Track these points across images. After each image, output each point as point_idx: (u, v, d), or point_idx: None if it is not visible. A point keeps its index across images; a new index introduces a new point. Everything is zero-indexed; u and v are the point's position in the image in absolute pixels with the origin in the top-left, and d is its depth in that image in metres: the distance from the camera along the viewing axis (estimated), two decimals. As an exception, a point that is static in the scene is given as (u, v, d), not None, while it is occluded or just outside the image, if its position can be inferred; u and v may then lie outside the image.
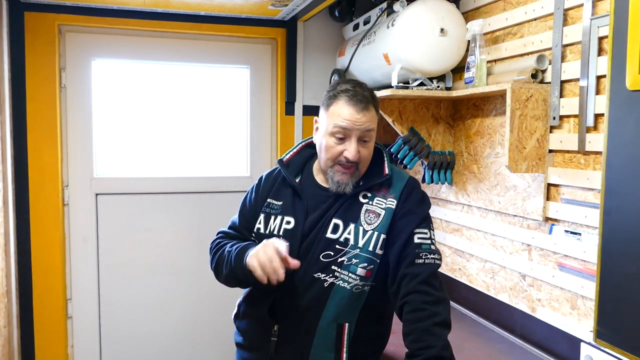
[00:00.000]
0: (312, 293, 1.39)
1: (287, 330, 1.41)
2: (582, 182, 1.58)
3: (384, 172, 1.45)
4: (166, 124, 2.72)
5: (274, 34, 2.73)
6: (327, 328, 1.38)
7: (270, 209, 1.50)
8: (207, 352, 2.81)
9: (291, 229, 1.44)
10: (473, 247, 2.14)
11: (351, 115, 1.35)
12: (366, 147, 1.40)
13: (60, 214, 2.54)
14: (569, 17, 1.62)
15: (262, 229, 1.49)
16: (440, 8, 2.00)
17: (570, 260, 1.64)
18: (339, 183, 1.40)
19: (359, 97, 1.36)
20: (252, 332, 1.50)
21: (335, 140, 1.38)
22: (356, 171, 1.41)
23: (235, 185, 2.79)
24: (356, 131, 1.36)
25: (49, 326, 2.55)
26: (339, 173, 1.40)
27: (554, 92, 1.67)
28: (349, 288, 1.37)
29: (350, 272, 1.37)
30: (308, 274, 1.39)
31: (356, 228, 1.39)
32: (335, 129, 1.37)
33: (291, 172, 1.51)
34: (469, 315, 2.13)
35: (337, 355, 1.39)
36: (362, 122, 1.36)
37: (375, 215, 1.40)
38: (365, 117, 1.36)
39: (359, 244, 1.38)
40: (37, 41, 2.41)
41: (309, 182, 1.51)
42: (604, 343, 1.35)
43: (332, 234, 1.40)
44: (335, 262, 1.38)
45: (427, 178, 2.20)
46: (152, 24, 2.55)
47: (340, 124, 1.36)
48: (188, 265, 2.76)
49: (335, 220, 1.41)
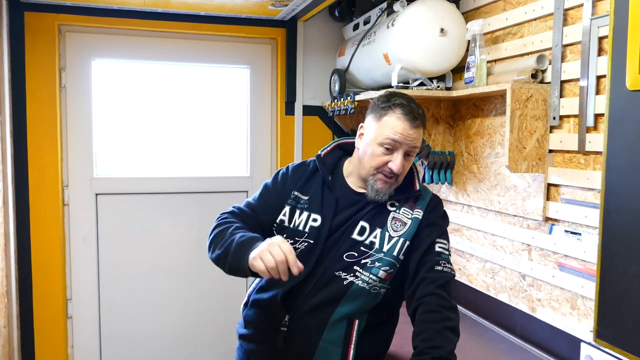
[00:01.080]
0: (330, 289, 1.41)
1: (298, 321, 1.42)
2: (582, 182, 1.58)
3: (415, 188, 1.50)
4: (166, 124, 2.72)
5: (274, 34, 2.73)
6: (337, 322, 1.40)
7: (297, 203, 1.50)
8: (207, 352, 2.81)
9: (317, 226, 1.45)
10: (473, 247, 2.14)
11: (404, 130, 1.39)
12: (409, 161, 1.45)
13: (60, 214, 2.54)
14: (569, 17, 1.62)
15: (286, 222, 1.49)
16: (440, 8, 2.00)
17: (570, 260, 1.64)
18: (377, 191, 1.43)
19: (414, 114, 1.40)
20: (261, 322, 1.50)
21: (383, 150, 1.41)
22: (395, 182, 1.44)
23: (235, 185, 2.79)
24: (405, 146, 1.40)
25: (49, 326, 2.55)
26: (380, 182, 1.43)
27: (554, 92, 1.67)
28: (367, 288, 1.41)
29: (372, 274, 1.41)
30: (329, 271, 1.41)
31: (382, 233, 1.43)
32: (387, 140, 1.40)
33: (327, 170, 1.53)
34: (469, 315, 2.13)
35: (345, 350, 1.41)
36: (413, 139, 1.41)
37: (402, 224, 1.45)
38: (416, 134, 1.41)
39: (384, 248, 1.42)
40: (37, 41, 2.41)
41: (340, 182, 1.52)
42: (604, 343, 1.35)
43: (359, 236, 1.43)
44: (359, 263, 1.41)
45: (427, 178, 2.20)
46: (152, 24, 2.55)
47: (393, 136, 1.39)
48: (188, 265, 2.76)
49: (363, 223, 1.45)
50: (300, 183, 1.52)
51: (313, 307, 1.41)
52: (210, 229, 1.51)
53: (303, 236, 1.45)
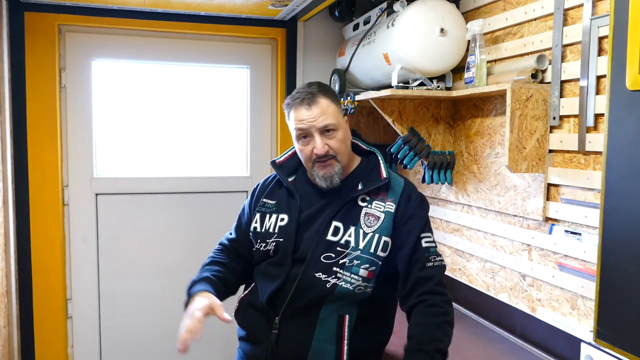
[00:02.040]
0: (313, 292, 1.42)
1: (288, 323, 1.44)
2: (582, 182, 1.58)
3: (382, 176, 1.49)
4: (166, 124, 2.72)
5: (274, 34, 2.72)
6: (327, 319, 1.41)
7: (266, 208, 1.57)
8: (207, 352, 2.80)
9: (285, 225, 1.50)
10: (473, 247, 2.14)
11: (302, 115, 1.44)
12: (333, 138, 1.46)
13: (60, 214, 2.54)
14: (569, 17, 1.62)
15: (258, 228, 1.56)
16: (440, 8, 2.00)
17: (570, 260, 1.64)
18: (324, 178, 1.47)
19: (302, 96, 1.46)
20: (253, 325, 1.52)
21: (303, 142, 1.48)
22: (336, 163, 1.46)
23: (235, 185, 2.79)
24: (314, 128, 1.44)
25: (49, 326, 2.55)
26: (319, 169, 1.47)
27: (554, 92, 1.67)
28: (351, 289, 1.41)
29: (352, 274, 1.41)
30: (308, 273, 1.42)
31: (356, 230, 1.44)
32: (297, 132, 1.47)
33: (284, 173, 1.58)
34: (469, 315, 2.13)
35: (339, 347, 1.41)
36: (316, 116, 1.44)
37: (375, 218, 1.45)
38: (315, 111, 1.44)
39: (359, 245, 1.42)
40: (37, 41, 2.41)
41: (303, 181, 1.57)
42: (604, 343, 1.35)
43: (333, 237, 1.44)
44: (337, 264, 1.42)
45: (427, 178, 2.20)
46: (152, 24, 2.55)
47: (298, 126, 1.46)
48: (188, 265, 2.73)
49: (336, 223, 1.45)
50: (267, 191, 1.61)
51: (300, 309, 1.43)
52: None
53: (273, 237, 1.50)
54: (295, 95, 1.49)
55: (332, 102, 1.47)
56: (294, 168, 1.60)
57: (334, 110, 1.47)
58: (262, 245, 1.52)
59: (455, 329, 1.39)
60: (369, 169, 1.52)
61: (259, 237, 1.54)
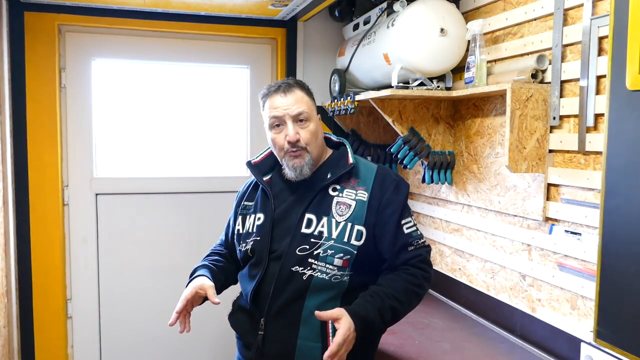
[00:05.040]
0: (292, 286, 1.44)
1: (272, 323, 1.46)
2: (582, 182, 1.58)
3: (349, 162, 1.52)
4: (166, 124, 2.72)
5: (274, 34, 2.72)
6: (310, 317, 1.41)
7: (246, 210, 1.61)
8: (207, 352, 2.81)
9: (261, 223, 1.54)
10: (473, 247, 2.14)
11: (278, 102, 1.48)
12: (305, 128, 1.48)
13: (60, 214, 2.54)
14: (569, 17, 1.62)
15: (240, 229, 1.60)
16: (440, 8, 2.00)
17: (570, 260, 1.64)
18: (295, 168, 1.48)
19: (280, 86, 1.50)
20: (244, 327, 1.56)
21: (275, 131, 1.50)
22: (307, 154, 1.48)
23: (235, 185, 2.75)
24: (288, 116, 1.47)
25: (49, 326, 2.55)
26: (290, 159, 1.49)
27: (554, 92, 1.67)
28: (327, 279, 1.43)
29: (327, 263, 1.43)
30: (286, 268, 1.45)
31: (329, 220, 1.46)
32: (271, 120, 1.50)
33: (259, 172, 1.61)
34: (469, 315, 2.13)
35: (324, 344, 1.41)
36: (290, 104, 1.47)
37: (346, 207, 1.47)
38: (291, 99, 1.47)
39: (332, 235, 1.44)
40: (37, 41, 2.41)
41: (277, 179, 1.60)
42: (604, 343, 1.35)
43: (307, 229, 1.46)
44: (312, 255, 1.44)
45: (427, 178, 2.20)
46: (152, 24, 2.55)
47: (273, 114, 1.49)
48: (188, 265, 2.70)
49: (309, 215, 1.48)
50: (247, 193, 1.65)
51: (281, 307, 1.45)
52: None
53: (252, 236, 1.54)
54: (271, 85, 1.53)
55: (306, 95, 1.52)
56: (269, 167, 1.63)
57: (308, 101, 1.51)
58: (243, 245, 1.56)
59: (455, 329, 1.39)
60: (338, 159, 1.55)
61: (241, 239, 1.58)
